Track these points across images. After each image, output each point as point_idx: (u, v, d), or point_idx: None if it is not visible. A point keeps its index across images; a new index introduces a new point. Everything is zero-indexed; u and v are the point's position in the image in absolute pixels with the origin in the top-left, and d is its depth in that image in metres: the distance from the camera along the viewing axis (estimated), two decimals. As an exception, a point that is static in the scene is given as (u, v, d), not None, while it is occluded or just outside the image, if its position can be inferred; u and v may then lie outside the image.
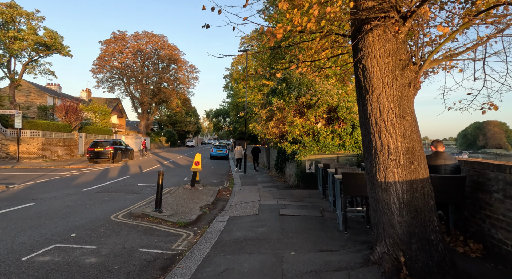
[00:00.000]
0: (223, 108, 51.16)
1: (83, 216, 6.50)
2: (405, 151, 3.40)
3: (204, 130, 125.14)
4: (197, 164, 10.49)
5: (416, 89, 3.52)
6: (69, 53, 21.58)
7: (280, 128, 11.78)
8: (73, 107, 23.94)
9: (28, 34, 18.77)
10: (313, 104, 11.11)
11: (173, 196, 9.14)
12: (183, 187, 10.68)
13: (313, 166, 10.43)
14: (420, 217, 3.30)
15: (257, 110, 12.45)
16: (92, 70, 44.28)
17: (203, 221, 6.73)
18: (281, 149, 12.91)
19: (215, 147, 29.39)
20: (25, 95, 31.72)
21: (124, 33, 44.97)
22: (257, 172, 16.78)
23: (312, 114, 11.05)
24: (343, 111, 10.68)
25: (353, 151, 10.66)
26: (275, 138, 12.99)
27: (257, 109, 12.46)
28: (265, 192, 9.86)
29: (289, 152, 11.16)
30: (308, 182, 10.41)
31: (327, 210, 7.21)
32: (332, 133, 11.12)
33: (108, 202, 8.11)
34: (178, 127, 69.07)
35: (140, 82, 46.36)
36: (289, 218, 6.35)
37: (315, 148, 10.68)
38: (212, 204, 8.61)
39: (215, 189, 10.63)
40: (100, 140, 21.56)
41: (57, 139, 22.31)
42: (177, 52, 48.62)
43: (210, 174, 16.01)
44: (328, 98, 10.85)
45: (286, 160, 12.57)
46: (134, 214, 6.66)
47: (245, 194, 9.67)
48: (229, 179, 14.20)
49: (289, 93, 10.99)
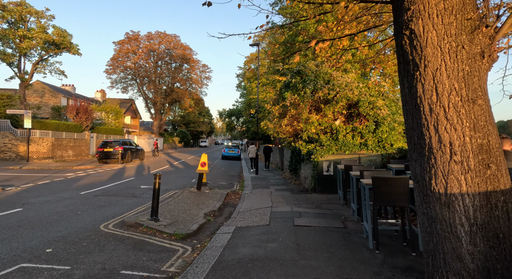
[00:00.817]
0: (236, 108, 50.40)
1: (69, 225, 5.72)
2: (476, 150, 2.36)
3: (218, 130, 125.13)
4: (203, 166, 9.63)
5: (492, 60, 2.47)
6: (78, 51, 21.28)
7: (294, 126, 10.77)
8: (84, 107, 23.68)
9: (37, 33, 18.50)
10: (331, 99, 10.05)
11: (176, 200, 8.29)
12: (189, 190, 9.84)
13: (331, 167, 9.37)
14: (504, 246, 2.25)
15: (269, 106, 11.48)
16: (106, 70, 44.50)
17: (205, 231, 5.83)
18: (296, 149, 11.90)
19: (227, 148, 28.60)
20: (39, 96, 31.96)
21: (137, 34, 44.96)
22: (269, 173, 15.82)
23: (330, 110, 9.98)
24: (365, 106, 9.56)
25: (377, 151, 9.53)
26: (289, 137, 11.99)
27: (269, 106, 11.48)
28: (277, 197, 8.88)
29: (304, 152, 10.14)
30: (325, 186, 9.36)
31: (350, 219, 6.17)
32: (352, 131, 10.03)
33: (104, 207, 7.34)
34: (191, 128, 68.95)
35: (153, 82, 46.25)
36: (305, 230, 5.35)
37: (333, 147, 9.61)
38: (219, 210, 7.70)
39: (223, 193, 9.73)
40: (110, 140, 21.13)
41: (68, 139, 22.05)
42: (189, 52, 48.26)
43: (220, 176, 15.16)
44: (348, 92, 9.75)
45: (301, 161, 11.55)
46: (126, 223, 5.82)
47: (255, 199, 8.72)
48: (239, 181, 13.29)
49: (304, 87, 9.96)
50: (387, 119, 9.62)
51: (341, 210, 7.12)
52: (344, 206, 7.52)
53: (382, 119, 9.61)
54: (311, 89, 9.94)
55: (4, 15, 17.50)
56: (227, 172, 16.92)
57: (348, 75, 10.85)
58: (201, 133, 75.55)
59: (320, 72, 10.45)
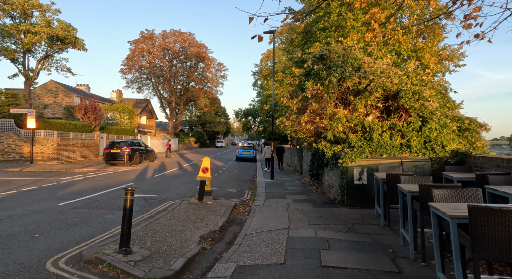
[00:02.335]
0: (253, 107, 48.78)
1: (7, 258, 4.16)
2: None
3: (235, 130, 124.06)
4: (205, 172, 7.94)
5: None
6: (84, 46, 20.23)
7: (316, 123, 8.90)
8: (92, 106, 22.71)
9: (41, 27, 17.53)
10: (362, 90, 8.11)
11: (168, 216, 6.65)
12: (188, 201, 8.19)
13: (365, 175, 7.43)
14: None
15: (286, 100, 9.65)
16: (121, 70, 44.04)
17: (194, 270, 4.11)
18: (317, 151, 10.01)
19: (242, 148, 26.90)
20: (53, 96, 31.59)
21: (152, 32, 44.23)
22: (285, 177, 13.99)
23: (362, 103, 8.05)
24: (407, 97, 7.54)
25: (423, 154, 7.50)
26: (309, 136, 10.12)
27: (286, 100, 9.65)
28: (296, 211, 7.06)
29: (329, 155, 8.25)
30: (357, 198, 7.43)
31: (402, 255, 4.27)
32: (390, 128, 8.05)
33: (73, 227, 5.78)
34: (207, 128, 68.00)
35: (168, 82, 45.37)
36: (340, 277, 3.52)
37: (366, 150, 7.67)
38: (220, 230, 5.98)
39: (229, 205, 8.00)
40: (117, 141, 19.97)
41: (75, 139, 21.10)
42: (204, 50, 47.08)
43: (231, 180, 13.47)
44: (385, 79, 7.78)
45: (324, 165, 9.65)
46: (84, 257, 4.19)
47: (268, 214, 6.93)
48: (251, 188, 11.54)
49: (329, 75, 8.07)
50: (436, 113, 7.57)
51: (384, 235, 5.22)
52: (386, 229, 5.60)
53: (430, 113, 7.56)
54: (337, 77, 8.03)
55: (5, 9, 16.61)
56: (239, 176, 15.22)
57: (382, 61, 8.86)
58: (217, 134, 74.49)
59: (348, 57, 8.52)
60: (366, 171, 7.42)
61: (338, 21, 12.82)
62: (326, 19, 13.25)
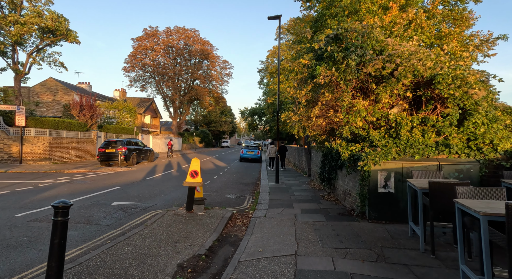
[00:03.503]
0: (259, 106, 47.36)
1: None
2: None
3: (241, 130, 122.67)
4: (194, 176, 6.54)
5: None
6: (77, 39, 19.05)
7: (329, 117, 7.42)
8: (88, 103, 21.56)
9: (30, 17, 16.36)
10: (386, 76, 6.60)
11: (144, 233, 5.26)
12: (175, 211, 6.79)
13: (392, 181, 5.94)
14: None
15: (292, 91, 8.18)
16: (124, 68, 43.03)
17: None
18: (330, 151, 8.53)
19: (246, 148, 25.41)
20: (52, 94, 30.65)
21: (155, 29, 43.14)
22: (292, 180, 12.53)
23: (386, 92, 6.55)
24: (446, 83, 6.00)
25: (467, 155, 5.96)
26: (320, 134, 8.65)
27: (292, 90, 8.18)
28: (305, 226, 5.61)
29: (346, 156, 6.76)
30: (382, 210, 5.94)
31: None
32: (421, 123, 6.54)
33: (12, 250, 4.44)
34: (212, 127, 66.79)
35: (172, 80, 44.21)
36: None
37: (392, 149, 6.17)
38: (207, 255, 4.57)
39: (224, 216, 6.59)
40: (112, 140, 18.75)
41: (69, 138, 19.95)
42: (209, 47, 45.80)
43: (231, 184, 12.06)
44: (416, 62, 6.26)
45: (337, 168, 8.17)
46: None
47: (271, 230, 5.49)
48: (253, 193, 10.11)
49: (347, 57, 6.58)
50: (482, 104, 6.02)
51: (430, 267, 3.74)
52: (430, 257, 4.12)
53: (474, 104, 6.02)
54: (356, 60, 6.54)
55: (-11, -3, 15.55)
56: (241, 179, 13.80)
57: (409, 42, 7.34)
58: (223, 133, 73.21)
59: (369, 37, 7.02)
60: (394, 177, 5.92)
61: (352, 4, 11.32)
62: (337, 3, 11.75)
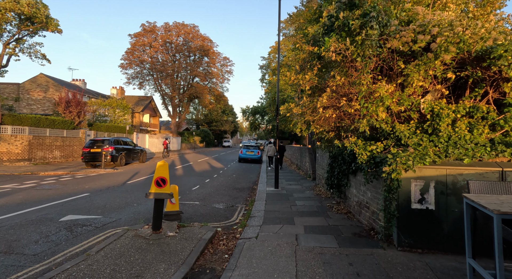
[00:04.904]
0: (261, 105, 45.75)
1: None
2: None
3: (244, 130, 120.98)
4: (160, 185, 4.89)
5: None
6: (58, 28, 17.51)
7: (340, 108, 5.75)
8: (75, 99, 20.05)
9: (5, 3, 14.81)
10: (419, 52, 4.92)
11: (80, 269, 3.63)
12: (137, 230, 5.15)
13: (432, 194, 4.26)
14: None
15: (293, 77, 6.50)
16: (121, 65, 41.58)
17: None
18: (341, 151, 6.87)
19: (245, 148, 23.73)
20: (43, 91, 29.23)
21: (153, 25, 41.61)
22: (293, 183, 10.88)
23: (419, 73, 4.87)
24: (509, 58, 4.31)
25: (538, 158, 4.27)
26: (328, 130, 6.97)
27: (293, 75, 6.51)
28: (310, 260, 3.96)
29: (364, 158, 5.08)
30: (418, 233, 4.27)
31: None
32: (468, 115, 4.85)
33: None
34: (213, 127, 65.22)
35: (170, 77, 42.65)
36: None
37: (429, 149, 4.50)
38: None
39: (202, 237, 4.94)
40: (98, 139, 17.23)
41: (53, 137, 18.44)
42: (209, 44, 44.19)
43: (223, 189, 10.42)
44: (462, 31, 4.58)
45: (351, 172, 6.50)
46: None
47: (261, 264, 3.84)
48: (248, 201, 8.47)
49: (365, 27, 4.92)
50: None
51: None
52: None
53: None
54: (378, 30, 4.87)
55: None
56: (237, 183, 12.15)
57: (444, 13, 5.65)
58: (225, 133, 71.58)
59: (393, 3, 5.34)
60: (434, 188, 4.25)
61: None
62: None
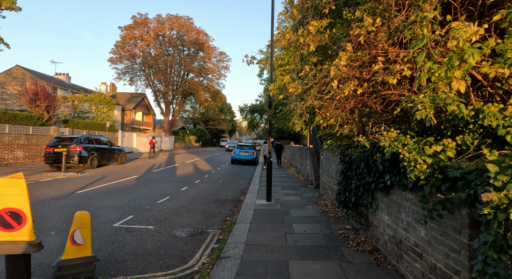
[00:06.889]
0: (259, 103, 43.36)
1: None
2: None
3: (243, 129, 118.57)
4: (8, 227, 2.42)
5: None
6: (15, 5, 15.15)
7: (372, 80, 3.28)
8: (44, 91, 17.59)
9: None
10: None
11: None
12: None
13: None
14: None
15: (290, 33, 4.04)
16: (110, 59, 39.12)
17: None
18: (365, 155, 4.40)
19: (239, 148, 21.25)
20: (19, 84, 26.81)
21: (145, 17, 39.11)
22: (290, 193, 8.47)
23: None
24: None
25: None
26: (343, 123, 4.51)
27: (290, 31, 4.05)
28: None
29: (422, 168, 2.60)
30: None
31: None
32: None
33: None
34: (210, 125, 62.76)
35: (163, 72, 40.18)
36: None
37: None
38: None
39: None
40: (65, 137, 14.83)
41: (15, 134, 15.99)
42: (204, 37, 41.71)
43: (199, 203, 7.94)
44: None
45: (381, 188, 4.03)
46: None
47: None
48: (224, 225, 5.99)
49: None
50: None
51: None
52: None
53: None
54: None
55: None
56: (221, 192, 9.68)
57: None
58: (222, 132, 69.12)
59: None
60: None
61: None
62: None
